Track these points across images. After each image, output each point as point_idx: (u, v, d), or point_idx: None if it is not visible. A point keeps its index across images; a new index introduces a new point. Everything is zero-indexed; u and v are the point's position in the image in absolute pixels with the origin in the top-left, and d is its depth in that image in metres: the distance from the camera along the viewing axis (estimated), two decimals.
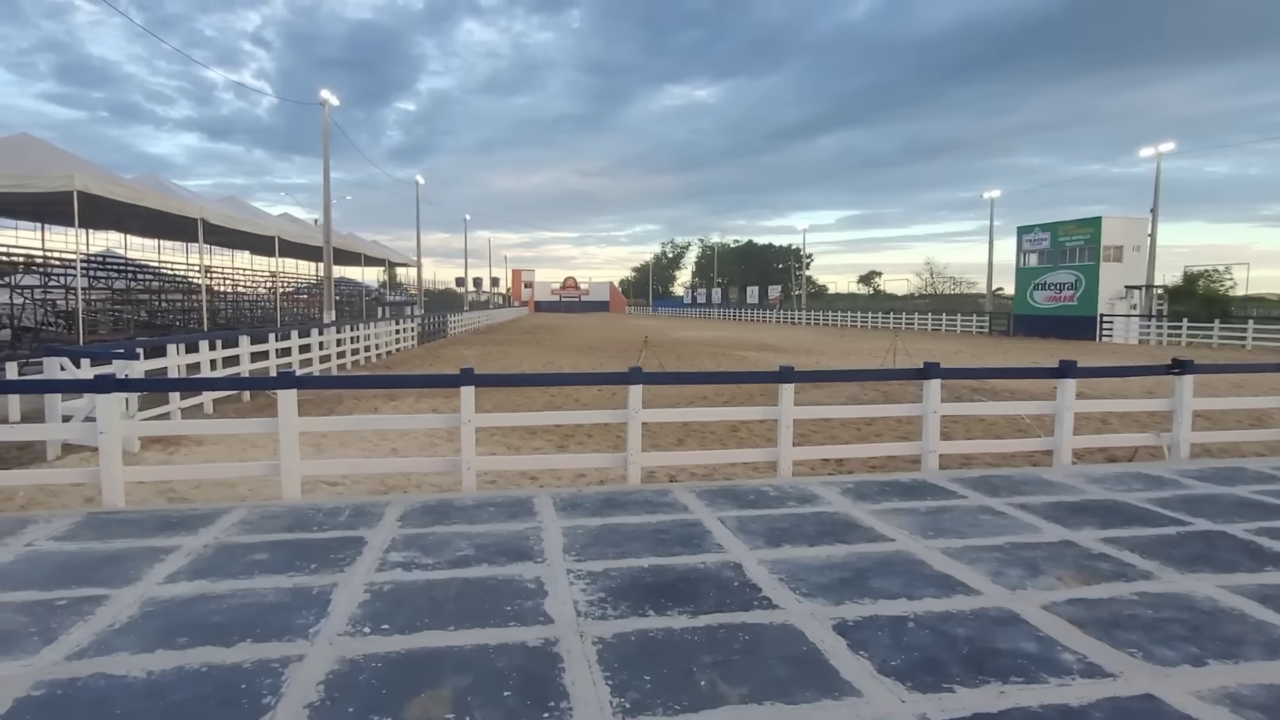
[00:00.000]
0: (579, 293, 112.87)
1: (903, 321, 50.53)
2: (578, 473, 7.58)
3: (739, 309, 78.46)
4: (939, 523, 4.73)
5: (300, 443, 9.09)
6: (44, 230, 22.84)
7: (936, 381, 6.39)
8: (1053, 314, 37.57)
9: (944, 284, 72.50)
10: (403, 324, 28.06)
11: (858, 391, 15.02)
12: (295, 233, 27.52)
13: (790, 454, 6.20)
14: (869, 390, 15.31)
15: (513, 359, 23.46)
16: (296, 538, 4.43)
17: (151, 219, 22.74)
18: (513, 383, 7.67)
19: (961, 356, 25.42)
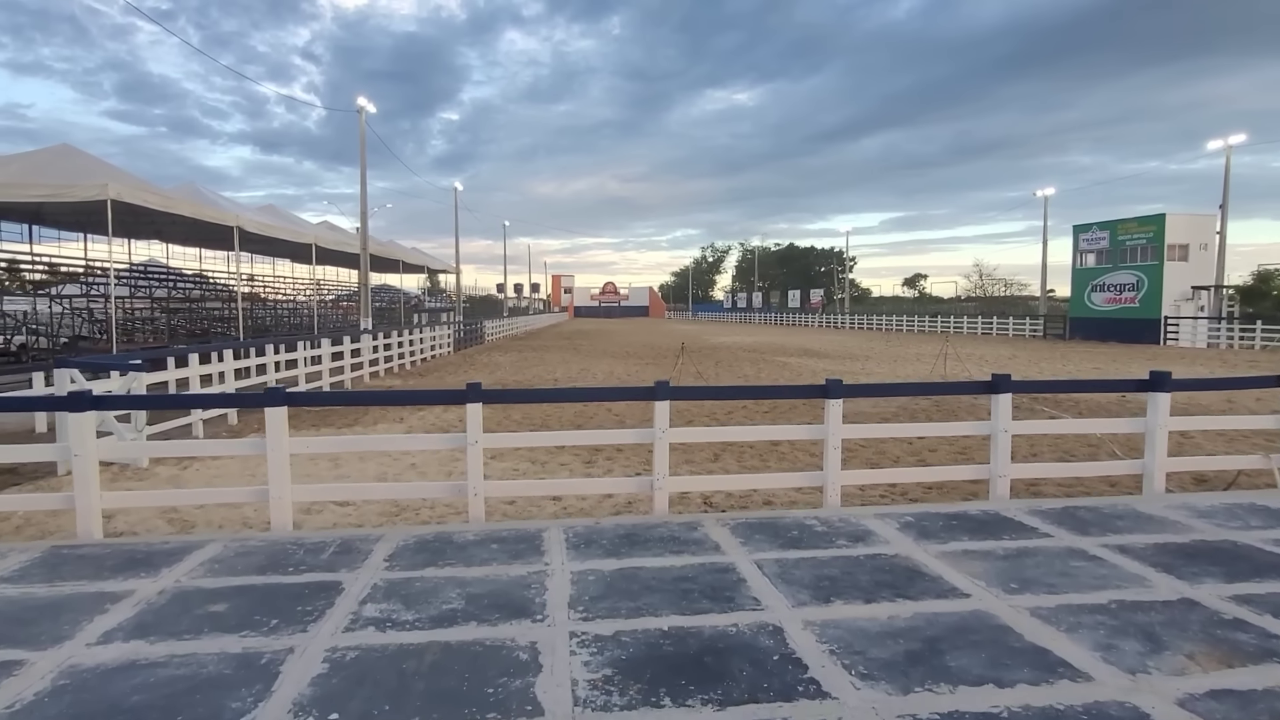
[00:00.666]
0: (618, 298, 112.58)
1: (950, 325, 48.83)
2: (603, 495, 6.93)
3: (780, 313, 77.13)
4: (1022, 570, 3.94)
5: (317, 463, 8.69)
6: (86, 240, 23.13)
7: (1008, 396, 5.56)
8: (1112, 316, 35.75)
9: (994, 286, 70.06)
10: (438, 330, 27.82)
11: (906, 403, 14.11)
12: (333, 240, 27.49)
13: (838, 478, 5.44)
14: (916, 403, 14.39)
15: (547, 366, 22.96)
16: (266, 582, 3.85)
17: (189, 227, 22.87)
18: (524, 399, 7.00)
19: (1017, 362, 24.12)
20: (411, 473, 8.52)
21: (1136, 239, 34.59)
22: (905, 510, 5.20)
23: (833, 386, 5.33)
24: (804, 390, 5.59)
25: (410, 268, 38.76)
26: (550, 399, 5.79)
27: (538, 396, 6.96)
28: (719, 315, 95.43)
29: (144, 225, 22.50)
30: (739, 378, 18.90)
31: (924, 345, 34.28)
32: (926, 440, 10.02)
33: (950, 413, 12.84)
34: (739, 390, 5.92)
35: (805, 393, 5.60)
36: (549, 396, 6.90)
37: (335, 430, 11.30)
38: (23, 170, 16.29)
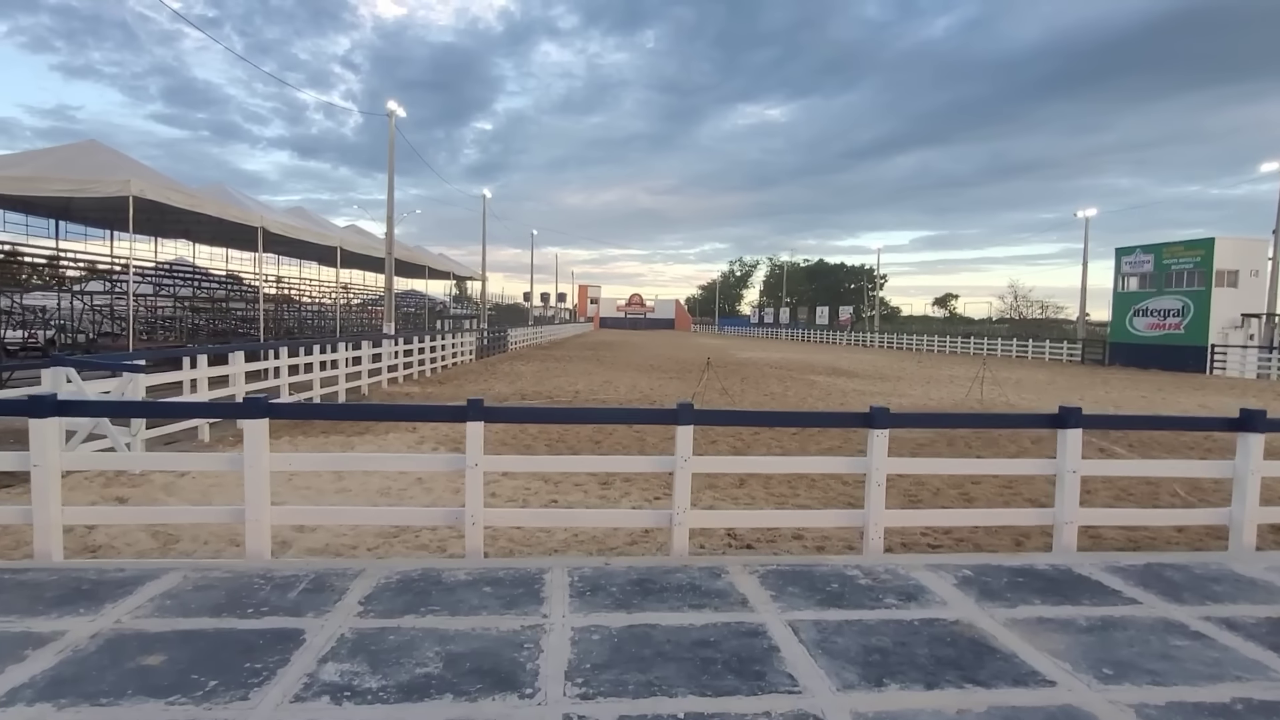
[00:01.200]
0: (644, 310, 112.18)
1: (984, 347, 47.58)
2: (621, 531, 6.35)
3: (808, 329, 76.10)
4: (1113, 650, 3.28)
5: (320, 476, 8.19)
6: (112, 238, 23.17)
7: (1077, 432, 4.88)
8: (1155, 343, 34.45)
9: (1029, 308, 68.37)
10: (461, 337, 27.50)
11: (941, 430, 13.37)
12: (358, 244, 27.33)
13: (881, 519, 4.80)
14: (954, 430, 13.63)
15: (570, 377, 22.46)
16: (218, 627, 3.32)
17: (216, 227, 22.79)
18: (532, 418, 6.27)
19: (1055, 388, 23.15)
20: (418, 488, 8.01)
21: (1183, 263, 33.34)
22: (961, 561, 4.54)
23: (878, 414, 4.70)
24: (845, 418, 4.96)
25: (436, 273, 38.61)
26: (561, 419, 5.18)
27: (548, 416, 6.15)
28: (745, 330, 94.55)
29: (171, 224, 22.45)
30: (766, 395, 18.22)
31: (957, 367, 33.27)
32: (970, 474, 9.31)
33: (991, 441, 12.07)
34: (772, 416, 5.29)
35: (847, 420, 4.98)
36: (560, 417, 6.12)
37: (345, 439, 10.86)
38: (49, 165, 16.20)
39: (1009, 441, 12.00)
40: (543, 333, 50.99)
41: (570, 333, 67.94)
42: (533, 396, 17.02)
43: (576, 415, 4.94)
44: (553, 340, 52.26)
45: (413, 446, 10.47)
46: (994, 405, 17.36)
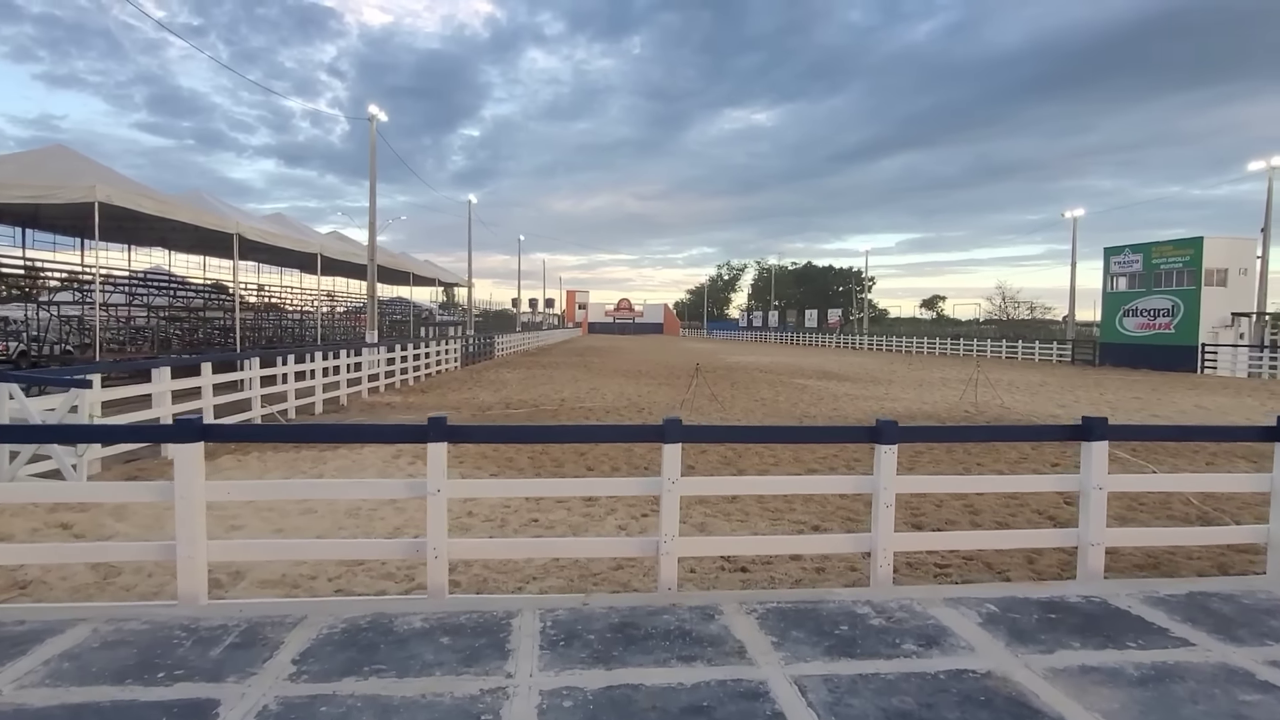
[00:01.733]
0: (633, 314, 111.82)
1: (974, 349, 47.40)
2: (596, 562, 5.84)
3: (796, 333, 75.88)
4: (1175, 709, 2.79)
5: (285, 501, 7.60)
6: (83, 246, 22.49)
7: (1102, 445, 4.42)
8: (1145, 342, 34.29)
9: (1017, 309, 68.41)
10: (446, 345, 26.93)
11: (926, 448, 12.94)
12: (340, 250, 26.74)
13: (890, 544, 4.32)
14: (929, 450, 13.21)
15: (556, 384, 21.94)
16: (117, 698, 2.78)
17: (192, 234, 22.16)
18: (502, 437, 5.43)
19: (1049, 389, 22.83)
20: (389, 509, 7.45)
21: (1172, 262, 33.21)
22: (983, 595, 4.05)
23: (885, 429, 4.22)
24: (850, 433, 4.48)
25: (421, 280, 38.02)
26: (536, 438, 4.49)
27: (520, 435, 5.31)
28: (734, 334, 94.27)
29: (145, 231, 21.77)
30: (756, 401, 17.77)
31: (948, 369, 32.97)
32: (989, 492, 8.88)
33: (990, 447, 11.65)
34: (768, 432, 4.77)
35: (850, 435, 4.50)
36: (535, 436, 5.39)
37: (317, 453, 10.30)
38: (14, 171, 15.58)
39: (1009, 448, 11.58)
40: (530, 339, 50.45)
41: (558, 339, 67.41)
42: (517, 405, 16.50)
43: (553, 434, 4.26)
44: (540, 346, 51.71)
45: (389, 461, 9.93)
46: (988, 408, 16.98)
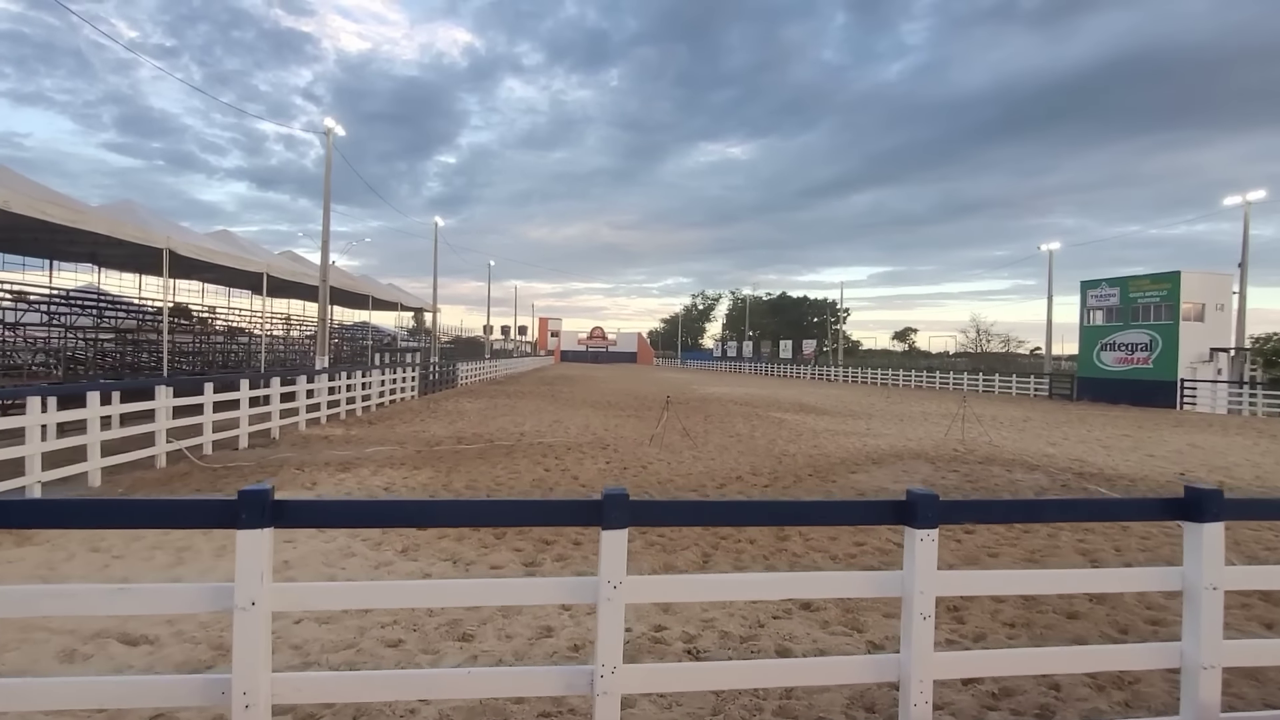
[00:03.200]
0: (606, 343, 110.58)
1: (954, 382, 46.79)
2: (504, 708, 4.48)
3: (771, 363, 75.10)
4: None
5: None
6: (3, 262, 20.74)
7: (1217, 528, 3.20)
8: (1124, 377, 33.78)
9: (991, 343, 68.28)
10: (403, 373, 25.36)
11: (926, 477, 11.78)
12: (291, 271, 25.17)
13: (931, 670, 3.02)
14: (943, 479, 12.04)
15: (517, 415, 20.51)
16: None
17: (126, 250, 20.54)
18: (343, 518, 3.12)
19: (1033, 425, 21.90)
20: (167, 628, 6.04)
21: (1149, 296, 32.86)
22: None
23: (921, 504, 2.95)
24: (869, 510, 3.17)
25: (381, 304, 36.44)
26: (402, 520, 2.73)
27: (373, 515, 2.95)
28: (708, 363, 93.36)
29: (65, 245, 20.09)
30: (731, 437, 16.50)
31: (926, 402, 32.08)
32: (1066, 591, 7.69)
33: (990, 493, 10.48)
34: (754, 510, 3.17)
35: (872, 514, 3.19)
36: (390, 516, 2.95)
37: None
38: None
39: (1009, 495, 10.43)
40: (499, 367, 48.88)
41: (529, 366, 65.81)
42: (470, 440, 15.06)
43: (426, 513, 2.67)
44: (509, 375, 50.14)
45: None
46: (977, 446, 15.90)
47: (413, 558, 6.62)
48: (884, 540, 7.45)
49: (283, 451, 12.94)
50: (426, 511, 2.77)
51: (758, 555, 6.94)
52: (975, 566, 6.62)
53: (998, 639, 4.93)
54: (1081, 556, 7.09)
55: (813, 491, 10.27)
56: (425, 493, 9.52)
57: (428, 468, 11.49)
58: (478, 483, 10.26)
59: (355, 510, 2.79)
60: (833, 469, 12.29)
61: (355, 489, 9.72)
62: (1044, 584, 3.81)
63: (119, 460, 10.09)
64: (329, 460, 11.98)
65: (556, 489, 9.95)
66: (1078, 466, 13.34)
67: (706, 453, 13.79)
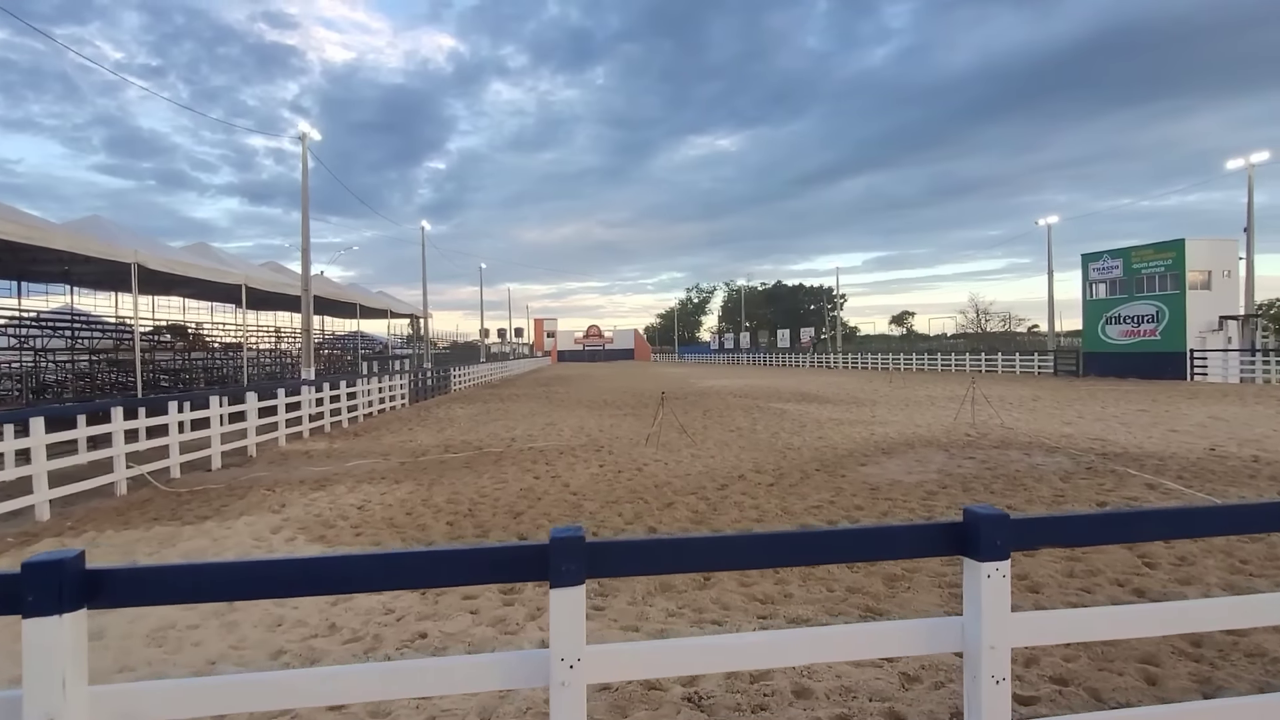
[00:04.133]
0: (603, 341, 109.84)
1: (953, 364, 46.05)
2: None
3: (769, 354, 74.31)
4: None
5: None
6: None
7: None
8: (1131, 350, 33.03)
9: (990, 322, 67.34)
10: (393, 380, 24.58)
11: (938, 476, 11.02)
12: (272, 282, 24.36)
13: None
14: (943, 474, 11.31)
15: (510, 420, 19.74)
16: None
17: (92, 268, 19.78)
18: (178, 590, 2.02)
19: (1045, 405, 21.13)
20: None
21: (1154, 267, 32.10)
22: None
23: (984, 526, 2.18)
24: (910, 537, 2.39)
25: (370, 312, 35.65)
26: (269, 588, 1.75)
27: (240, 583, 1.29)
28: (706, 357, 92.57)
29: (32, 265, 19.30)
30: (731, 431, 15.74)
31: (931, 386, 31.34)
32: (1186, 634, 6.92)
33: (1012, 480, 9.72)
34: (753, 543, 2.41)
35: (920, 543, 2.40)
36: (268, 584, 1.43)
37: (175, 528, 8.02)
38: None
39: (1033, 482, 9.68)
40: (493, 370, 48.09)
41: (524, 368, 65.05)
42: (459, 448, 14.30)
43: (317, 574, 1.92)
44: (504, 378, 49.37)
45: (266, 537, 7.71)
46: (989, 430, 15.14)
47: (346, 602, 5.85)
48: None
49: (257, 470, 12.18)
50: (311, 573, 2.00)
51: (766, 569, 6.19)
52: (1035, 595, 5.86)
53: (1065, 677, 4.18)
54: (1180, 568, 6.34)
55: (821, 488, 9.51)
56: (402, 509, 8.76)
57: (409, 480, 10.74)
58: (460, 495, 9.50)
59: (207, 577, 2.01)
60: (841, 462, 11.54)
61: (327, 509, 8.95)
62: (1150, 624, 2.81)
63: (72, 490, 9.32)
64: (305, 478, 11.22)
65: (544, 499, 9.19)
66: (1100, 446, 12.58)
67: (706, 450, 13.03)
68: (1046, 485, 9.42)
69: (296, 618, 5.26)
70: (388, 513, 8.63)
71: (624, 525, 7.76)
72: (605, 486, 9.95)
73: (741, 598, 5.51)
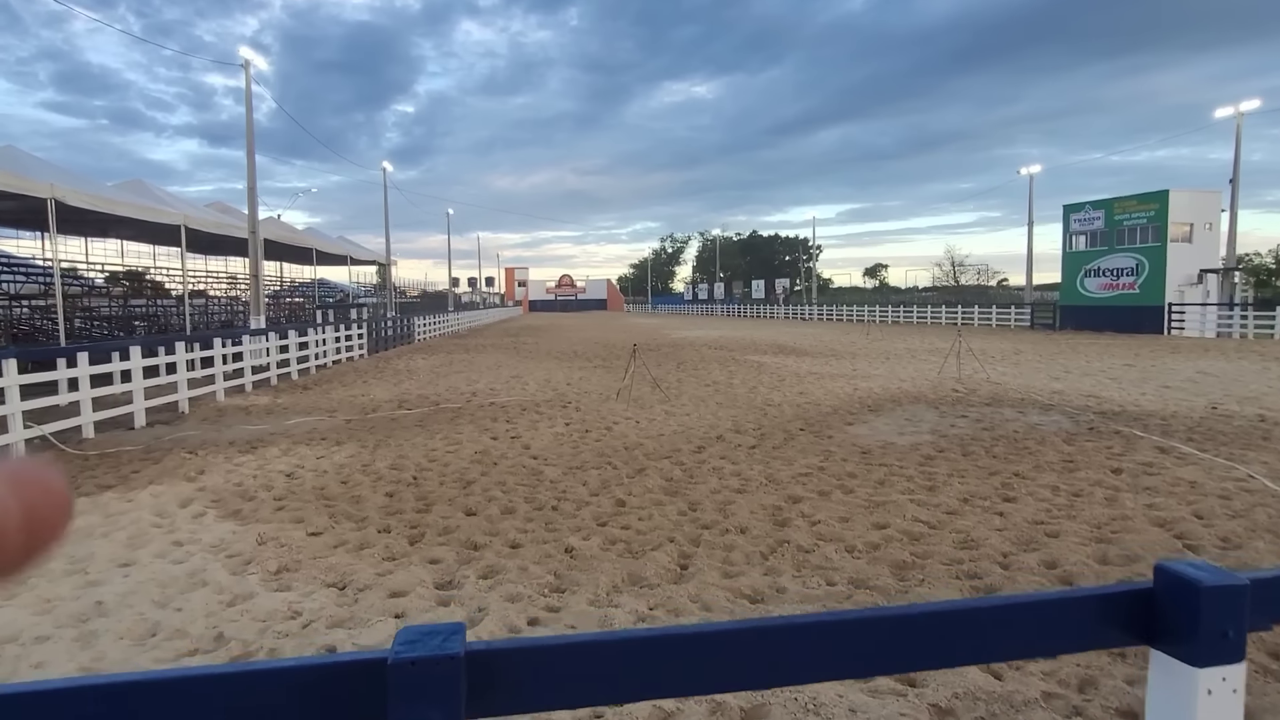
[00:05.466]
0: (575, 291, 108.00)
1: (928, 316, 45.59)
2: None
3: (743, 305, 73.45)
4: None
5: None
6: None
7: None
8: (1109, 304, 32.63)
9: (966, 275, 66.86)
10: (351, 330, 23.22)
11: (932, 437, 10.24)
12: (212, 223, 22.65)
13: None
14: (939, 437, 10.53)
15: (473, 372, 18.62)
16: None
17: (10, 204, 18.00)
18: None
19: (1024, 358, 20.53)
20: None
21: (1135, 219, 31.49)
22: None
23: (1205, 601, 1.23)
24: (1061, 631, 1.40)
25: (328, 257, 33.90)
26: None
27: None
28: (679, 308, 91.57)
29: None
30: (707, 386, 14.82)
31: (909, 338, 30.71)
32: None
33: (1014, 444, 8.92)
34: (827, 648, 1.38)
35: (1077, 633, 1.43)
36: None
37: None
38: None
39: (1036, 444, 8.89)
40: (462, 319, 46.60)
41: (494, 318, 63.52)
42: (416, 403, 13.21)
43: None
44: (472, 328, 47.92)
45: (171, 513, 6.64)
46: (977, 385, 14.41)
47: (285, 584, 4.84)
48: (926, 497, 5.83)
49: (186, 429, 10.99)
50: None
51: (753, 553, 5.28)
52: None
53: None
54: None
55: (807, 451, 8.62)
56: (338, 476, 7.70)
57: (352, 442, 9.67)
58: (406, 460, 8.46)
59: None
60: (826, 421, 10.67)
61: (255, 474, 7.87)
62: None
63: None
64: (236, 438, 10.08)
65: (501, 463, 8.18)
66: (1095, 404, 11.88)
67: (681, 406, 12.09)
68: (1051, 449, 8.63)
69: (176, 625, 4.23)
70: (320, 481, 7.58)
71: (589, 497, 6.80)
72: (570, 449, 8.97)
73: (726, 594, 4.59)
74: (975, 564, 5.02)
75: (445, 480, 7.51)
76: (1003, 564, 5.05)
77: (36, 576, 5.04)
